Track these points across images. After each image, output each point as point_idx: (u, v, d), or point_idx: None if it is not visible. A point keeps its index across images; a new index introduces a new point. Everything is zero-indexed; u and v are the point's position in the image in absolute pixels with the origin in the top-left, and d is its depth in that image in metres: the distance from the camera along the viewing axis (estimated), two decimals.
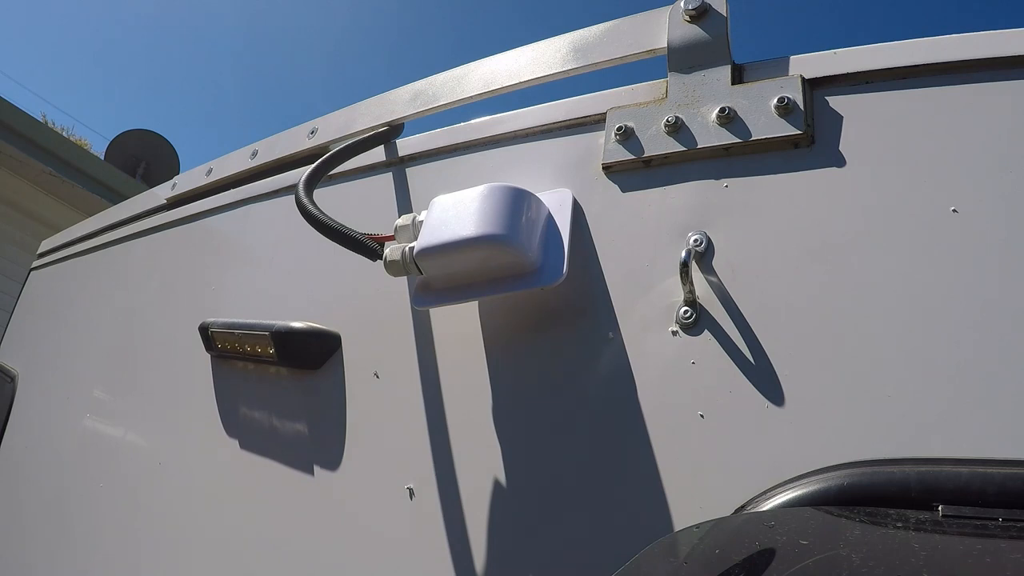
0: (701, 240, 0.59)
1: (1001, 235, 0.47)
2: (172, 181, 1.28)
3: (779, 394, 0.50)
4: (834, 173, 0.56)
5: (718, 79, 0.64)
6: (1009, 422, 0.43)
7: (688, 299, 0.56)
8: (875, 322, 0.49)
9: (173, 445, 0.94)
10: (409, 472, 0.67)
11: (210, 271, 1.02)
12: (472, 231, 0.60)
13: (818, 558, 0.33)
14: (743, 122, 0.60)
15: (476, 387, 0.66)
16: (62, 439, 1.11)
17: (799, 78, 0.60)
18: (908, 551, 0.33)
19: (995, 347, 0.45)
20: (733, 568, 0.35)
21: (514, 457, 0.61)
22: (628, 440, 0.55)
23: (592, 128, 0.71)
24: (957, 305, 0.47)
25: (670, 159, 0.64)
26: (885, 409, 0.46)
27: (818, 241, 0.54)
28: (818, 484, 0.44)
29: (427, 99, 0.88)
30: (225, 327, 0.88)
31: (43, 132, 4.31)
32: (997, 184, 0.49)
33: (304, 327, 0.81)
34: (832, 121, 0.58)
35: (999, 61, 0.53)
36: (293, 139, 1.04)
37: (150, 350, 1.06)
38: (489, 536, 0.60)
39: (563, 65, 0.76)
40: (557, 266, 0.61)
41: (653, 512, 0.51)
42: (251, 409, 0.86)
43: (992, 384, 0.44)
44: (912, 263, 0.49)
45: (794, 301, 0.53)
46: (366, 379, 0.76)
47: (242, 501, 0.81)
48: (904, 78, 0.56)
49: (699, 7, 0.67)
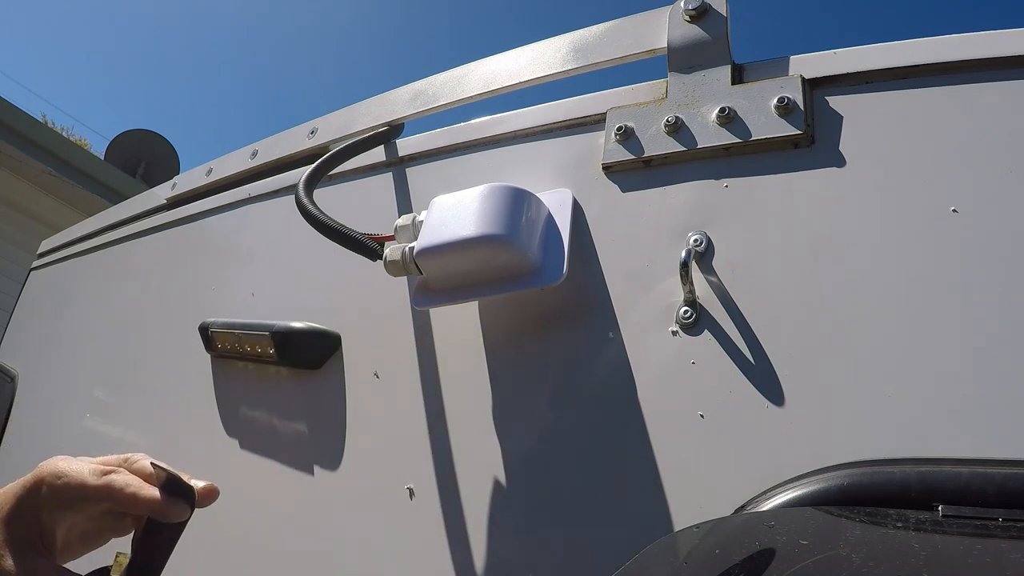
0: (701, 240, 0.58)
1: (1001, 235, 0.47)
2: (172, 181, 1.28)
3: (779, 394, 0.50)
4: (834, 173, 0.56)
5: (718, 79, 0.64)
6: (1009, 422, 0.43)
7: (688, 299, 0.56)
8: (875, 322, 0.49)
9: (173, 445, 0.94)
10: (409, 472, 0.67)
11: (210, 271, 1.02)
12: (472, 231, 0.60)
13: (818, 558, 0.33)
14: (743, 122, 0.60)
15: (476, 387, 0.66)
16: (62, 439, 1.11)
17: (799, 78, 0.60)
18: (908, 551, 0.33)
19: (995, 347, 0.45)
20: (733, 568, 0.35)
21: (514, 457, 0.61)
22: (628, 440, 0.55)
23: (592, 128, 0.71)
24: (957, 305, 0.47)
25: (670, 159, 0.64)
26: (885, 409, 0.46)
27: (818, 241, 0.54)
28: (818, 484, 0.44)
29: (427, 99, 0.88)
30: (225, 327, 0.88)
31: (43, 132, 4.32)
32: (997, 184, 0.49)
33: (304, 327, 0.81)
34: (832, 121, 0.58)
35: (999, 61, 0.53)
36: (293, 139, 1.04)
37: (150, 350, 1.06)
38: (489, 536, 0.60)
39: (563, 65, 0.76)
40: (557, 266, 0.61)
41: (653, 512, 0.51)
42: (251, 409, 0.86)
43: (992, 384, 0.44)
44: (912, 263, 0.49)
45: (794, 301, 0.53)
46: (366, 379, 0.76)
47: (242, 501, 0.81)
48: (904, 78, 0.56)
49: (699, 7, 0.67)
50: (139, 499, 0.52)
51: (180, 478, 0.53)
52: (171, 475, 0.53)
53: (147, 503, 0.53)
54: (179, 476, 0.53)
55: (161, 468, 0.53)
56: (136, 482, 0.53)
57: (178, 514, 0.54)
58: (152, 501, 0.53)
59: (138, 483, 0.53)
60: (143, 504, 0.53)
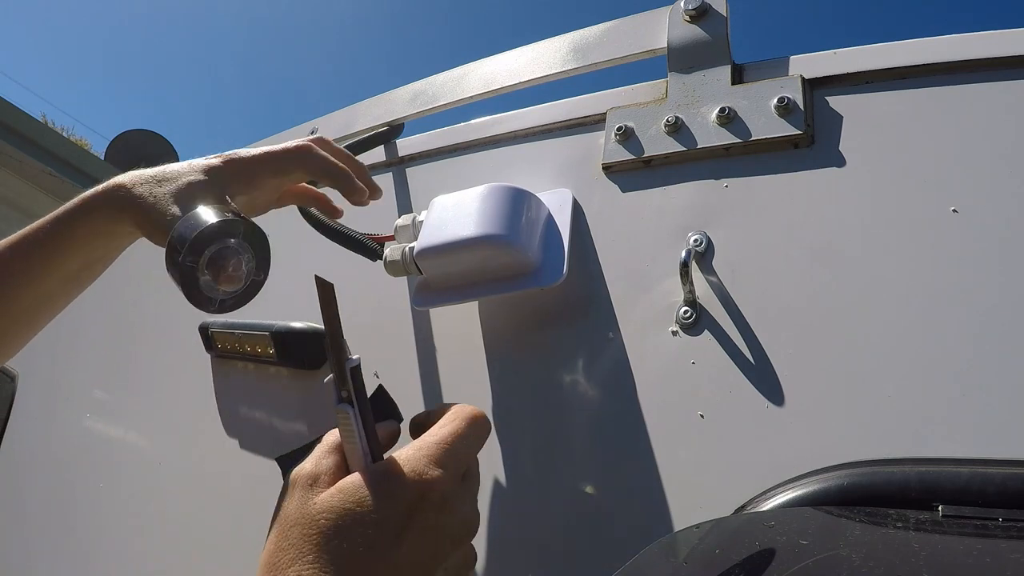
0: (701, 240, 0.59)
1: (1001, 235, 0.47)
2: None
3: (779, 394, 0.50)
4: (834, 173, 0.56)
5: (718, 79, 0.64)
6: (1009, 422, 0.43)
7: (688, 299, 0.56)
8: (875, 322, 0.49)
9: (173, 445, 0.94)
10: None
11: None
12: (472, 231, 0.60)
13: (818, 558, 0.33)
14: (743, 122, 0.60)
15: (476, 387, 0.66)
16: (62, 439, 1.11)
17: (799, 78, 0.60)
18: (908, 551, 0.33)
19: (995, 347, 0.45)
20: (733, 568, 0.35)
21: (513, 457, 0.61)
22: (628, 440, 0.55)
23: (592, 128, 0.71)
24: (957, 305, 0.47)
25: (670, 159, 0.64)
26: (885, 409, 0.46)
27: (818, 241, 0.54)
28: (818, 484, 0.44)
29: (427, 99, 0.88)
30: (225, 327, 0.88)
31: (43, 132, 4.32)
32: (997, 184, 0.49)
33: (304, 327, 0.81)
34: (832, 121, 0.58)
35: (999, 61, 0.53)
36: (293, 139, 1.04)
37: (150, 350, 1.06)
38: (489, 536, 0.60)
39: (563, 65, 0.76)
40: (557, 266, 0.61)
41: (653, 512, 0.51)
42: (251, 409, 0.86)
43: (992, 384, 0.44)
44: (912, 263, 0.49)
45: (794, 301, 0.53)
46: (366, 379, 0.76)
47: (242, 501, 0.81)
48: (904, 78, 0.56)
49: (699, 7, 0.67)
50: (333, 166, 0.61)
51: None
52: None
53: (340, 173, 0.61)
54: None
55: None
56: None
57: (360, 196, 0.62)
58: (344, 172, 0.61)
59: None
60: (337, 173, 0.61)
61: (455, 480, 0.42)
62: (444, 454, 0.43)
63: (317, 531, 0.39)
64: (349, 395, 0.42)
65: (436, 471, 0.41)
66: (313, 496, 0.41)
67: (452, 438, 0.44)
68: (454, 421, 0.45)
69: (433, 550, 0.40)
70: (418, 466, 0.41)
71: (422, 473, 0.41)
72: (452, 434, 0.44)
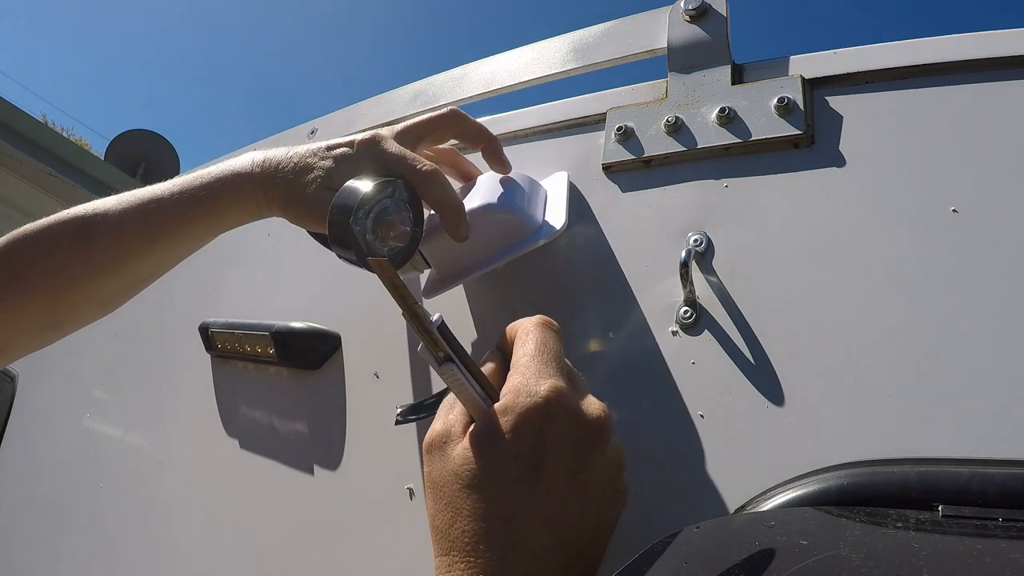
0: (701, 240, 0.58)
1: (1001, 235, 0.47)
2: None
3: (779, 394, 0.50)
4: (834, 173, 0.56)
5: (718, 79, 0.64)
6: (1009, 422, 0.43)
7: (688, 299, 0.56)
8: (875, 322, 0.49)
9: (173, 445, 0.94)
10: (409, 472, 0.67)
11: (210, 271, 1.02)
12: (470, 205, 0.62)
13: (818, 558, 0.33)
14: (743, 122, 0.60)
15: None
16: (62, 439, 1.11)
17: (799, 78, 0.60)
18: (908, 551, 0.33)
19: (995, 347, 0.45)
20: (733, 568, 0.35)
21: None
22: (628, 440, 0.55)
23: (592, 128, 0.71)
24: (957, 305, 0.47)
25: (670, 159, 0.64)
26: (885, 409, 0.46)
27: (818, 241, 0.54)
28: (818, 484, 0.44)
29: (427, 99, 0.88)
30: (225, 327, 0.88)
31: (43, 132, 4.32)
32: (997, 184, 0.49)
33: (304, 327, 0.81)
34: (832, 121, 0.58)
35: (999, 61, 0.53)
36: (293, 139, 1.04)
37: (150, 350, 1.06)
38: None
39: (563, 65, 0.76)
40: (557, 220, 0.62)
41: (653, 512, 0.51)
42: (251, 409, 0.86)
43: (992, 384, 0.44)
44: (912, 263, 0.49)
45: (794, 301, 0.53)
46: (366, 379, 0.76)
47: (242, 501, 0.81)
48: (904, 78, 0.56)
49: (699, 7, 0.67)
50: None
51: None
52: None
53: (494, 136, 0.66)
54: None
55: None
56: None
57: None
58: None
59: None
60: (492, 136, 0.66)
61: (565, 384, 0.43)
62: (544, 366, 0.43)
63: (463, 484, 0.39)
64: (446, 353, 0.42)
65: (545, 383, 0.41)
66: (450, 452, 0.42)
67: (540, 348, 0.45)
68: (529, 334, 0.46)
69: (577, 459, 0.41)
70: (528, 387, 0.41)
71: (534, 393, 0.41)
72: (537, 345, 0.45)
